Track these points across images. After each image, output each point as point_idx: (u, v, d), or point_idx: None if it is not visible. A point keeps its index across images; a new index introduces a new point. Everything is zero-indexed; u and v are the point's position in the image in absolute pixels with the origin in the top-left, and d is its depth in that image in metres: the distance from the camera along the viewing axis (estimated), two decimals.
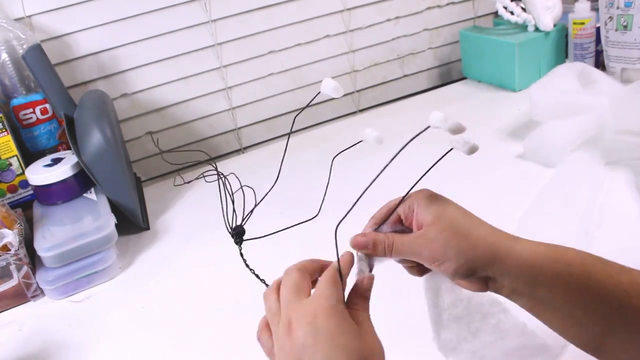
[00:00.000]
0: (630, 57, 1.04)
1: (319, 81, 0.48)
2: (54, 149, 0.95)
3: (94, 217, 0.81)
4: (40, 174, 0.84)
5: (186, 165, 1.18)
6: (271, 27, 1.14)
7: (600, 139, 0.86)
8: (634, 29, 1.01)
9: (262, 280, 0.50)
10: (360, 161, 0.80)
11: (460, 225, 0.41)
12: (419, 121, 0.42)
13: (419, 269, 0.47)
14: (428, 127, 0.41)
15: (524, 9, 1.16)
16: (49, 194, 0.85)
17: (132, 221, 0.89)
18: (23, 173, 0.89)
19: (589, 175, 0.81)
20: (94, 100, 0.92)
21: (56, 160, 0.87)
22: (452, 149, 0.41)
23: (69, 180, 0.85)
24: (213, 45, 1.11)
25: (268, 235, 0.55)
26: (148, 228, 0.92)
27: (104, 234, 0.79)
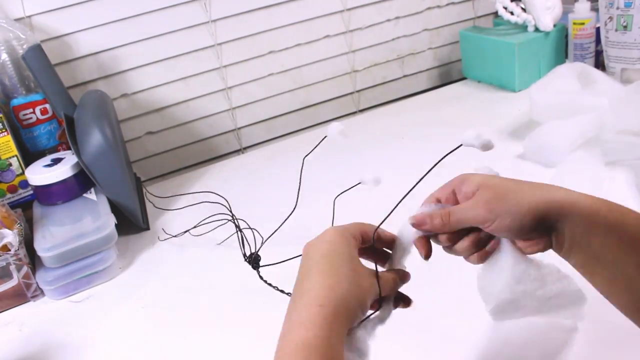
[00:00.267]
0: (630, 57, 1.04)
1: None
2: (54, 149, 0.95)
3: (94, 217, 0.81)
4: (40, 174, 0.84)
5: (186, 166, 1.18)
6: (271, 27, 1.14)
7: (600, 139, 0.86)
8: (634, 29, 1.01)
9: (283, 292, 0.53)
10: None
11: (500, 186, 0.44)
12: (419, 121, 0.42)
13: (479, 255, 0.47)
14: (460, 145, 0.43)
15: (524, 9, 1.16)
16: (49, 194, 0.85)
17: (132, 221, 0.89)
18: (23, 173, 0.89)
19: (589, 175, 0.81)
20: (94, 100, 0.92)
21: (56, 161, 0.87)
22: (461, 145, 0.43)
23: (69, 180, 0.85)
24: (213, 46, 1.11)
25: (284, 262, 0.57)
26: (148, 228, 0.92)
27: (104, 234, 0.79)
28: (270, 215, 0.75)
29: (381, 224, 0.47)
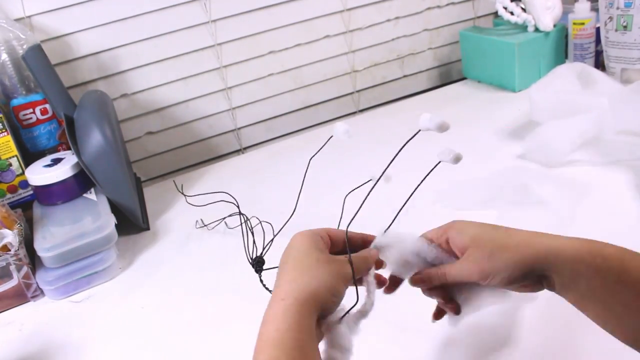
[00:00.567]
0: (630, 58, 1.04)
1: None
2: (54, 149, 0.95)
3: (94, 218, 0.81)
4: (40, 174, 0.84)
5: (186, 166, 1.18)
6: (271, 27, 1.14)
7: (600, 139, 0.86)
8: (634, 29, 1.01)
9: None
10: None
11: (497, 239, 0.45)
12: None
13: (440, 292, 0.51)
14: (419, 131, 0.44)
15: (523, 9, 1.16)
16: (49, 194, 0.85)
17: (132, 221, 0.89)
18: (23, 173, 0.89)
19: (589, 176, 0.81)
20: (94, 100, 0.92)
21: (56, 161, 0.87)
22: (440, 162, 0.44)
23: (68, 180, 0.85)
24: (213, 46, 1.11)
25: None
26: (148, 228, 0.92)
27: (104, 234, 0.79)
28: (270, 216, 0.75)
29: (348, 227, 0.49)
